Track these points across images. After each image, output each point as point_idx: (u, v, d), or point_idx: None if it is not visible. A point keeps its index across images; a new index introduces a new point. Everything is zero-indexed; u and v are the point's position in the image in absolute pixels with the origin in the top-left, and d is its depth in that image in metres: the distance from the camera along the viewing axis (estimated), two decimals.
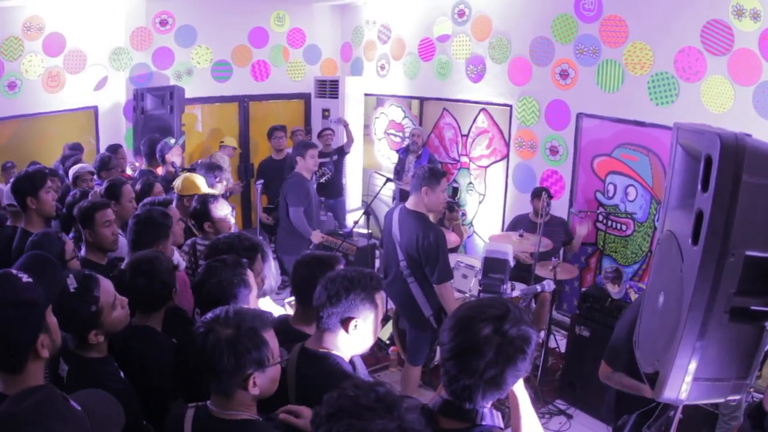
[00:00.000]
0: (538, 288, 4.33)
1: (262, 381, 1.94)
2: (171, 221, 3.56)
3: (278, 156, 7.72)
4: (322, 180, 7.11)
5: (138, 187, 4.87)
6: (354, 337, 2.31)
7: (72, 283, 2.29)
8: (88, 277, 2.37)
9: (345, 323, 2.28)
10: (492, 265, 4.09)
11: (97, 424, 1.61)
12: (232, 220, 4.28)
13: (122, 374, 2.42)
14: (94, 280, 2.36)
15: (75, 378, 2.25)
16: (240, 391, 1.92)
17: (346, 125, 8.14)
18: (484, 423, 1.72)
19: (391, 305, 5.12)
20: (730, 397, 2.06)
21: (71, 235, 4.02)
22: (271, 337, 1.99)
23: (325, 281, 2.32)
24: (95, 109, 7.81)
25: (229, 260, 2.69)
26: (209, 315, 1.98)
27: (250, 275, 2.71)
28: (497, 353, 1.64)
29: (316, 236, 6.02)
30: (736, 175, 1.79)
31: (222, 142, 8.17)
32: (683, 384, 2.00)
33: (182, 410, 2.01)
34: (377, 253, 7.19)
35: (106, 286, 2.40)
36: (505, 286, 4.10)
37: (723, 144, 1.79)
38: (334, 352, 2.31)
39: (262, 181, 6.99)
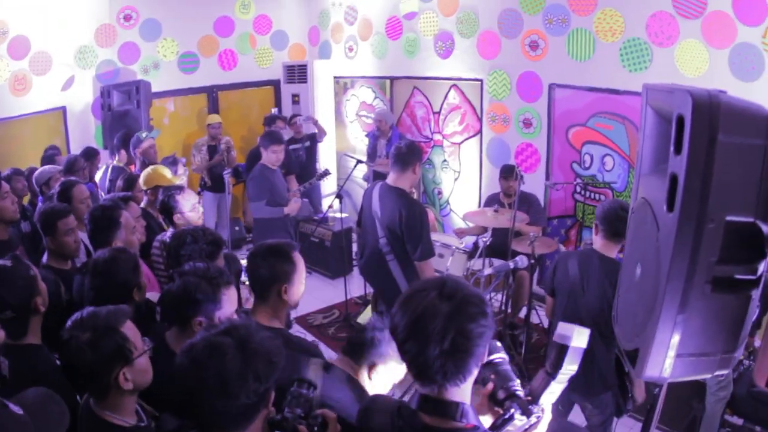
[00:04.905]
0: (511, 264, 4.23)
1: (133, 374, 1.96)
2: (117, 213, 3.47)
3: None
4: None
5: (120, 183, 4.90)
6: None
7: (5, 261, 2.48)
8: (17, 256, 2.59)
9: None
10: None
11: (40, 425, 1.61)
12: (200, 209, 4.18)
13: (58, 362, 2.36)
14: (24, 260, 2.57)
15: (11, 367, 2.15)
16: (113, 390, 1.94)
17: (315, 122, 8.12)
18: (465, 420, 1.57)
19: (370, 290, 5.01)
20: (718, 372, 1.94)
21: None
22: (129, 329, 2.02)
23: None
24: (63, 109, 7.58)
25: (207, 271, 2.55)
26: (69, 322, 2.00)
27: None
28: (450, 314, 1.51)
29: (292, 206, 5.75)
30: (711, 135, 1.65)
31: (209, 124, 7.89)
32: (666, 360, 1.88)
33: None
34: (354, 236, 7.07)
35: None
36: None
37: (695, 102, 1.65)
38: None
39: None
